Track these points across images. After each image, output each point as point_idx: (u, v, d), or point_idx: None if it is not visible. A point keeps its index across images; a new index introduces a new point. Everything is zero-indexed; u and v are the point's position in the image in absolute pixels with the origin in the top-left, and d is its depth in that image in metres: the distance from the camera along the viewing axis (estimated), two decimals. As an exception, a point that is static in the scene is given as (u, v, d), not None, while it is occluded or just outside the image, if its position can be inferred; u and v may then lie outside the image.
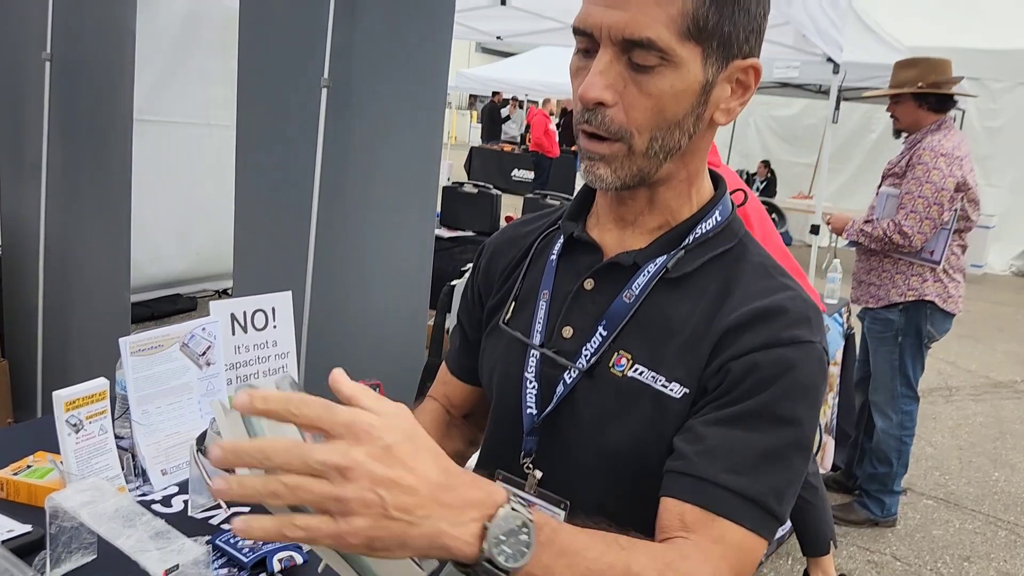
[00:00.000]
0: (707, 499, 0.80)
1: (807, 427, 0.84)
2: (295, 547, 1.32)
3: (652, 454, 0.88)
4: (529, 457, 0.95)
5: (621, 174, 0.86)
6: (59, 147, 3.06)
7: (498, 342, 1.02)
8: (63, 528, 1.21)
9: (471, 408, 1.16)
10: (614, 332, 0.90)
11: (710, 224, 0.92)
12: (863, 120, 10.35)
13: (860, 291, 3.38)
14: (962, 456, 4.43)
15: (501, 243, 1.10)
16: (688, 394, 0.87)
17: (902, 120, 3.29)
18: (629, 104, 0.82)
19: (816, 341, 0.86)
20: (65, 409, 1.37)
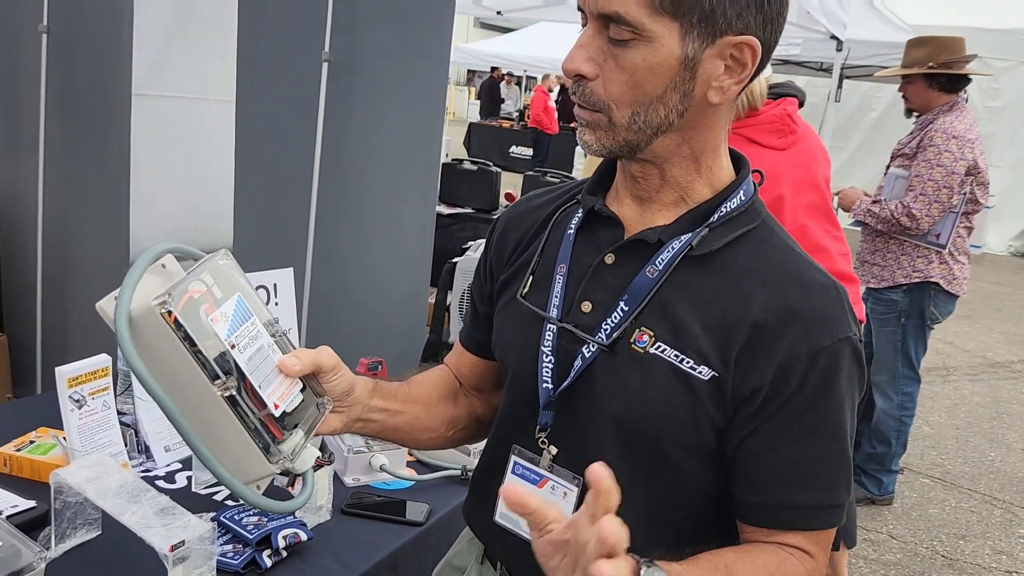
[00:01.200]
0: (792, 522, 0.88)
1: (853, 413, 0.89)
2: (299, 524, 1.32)
3: (678, 430, 0.88)
4: (544, 432, 0.95)
5: (605, 142, 0.87)
6: (57, 122, 3.03)
7: (513, 316, 1.01)
8: (68, 504, 1.22)
9: (480, 382, 1.16)
10: (636, 307, 0.89)
11: (734, 203, 0.91)
12: (864, 99, 10.29)
13: (864, 271, 3.37)
14: (959, 436, 4.45)
15: (514, 217, 1.09)
16: (717, 377, 0.86)
17: (913, 100, 3.26)
18: (607, 77, 0.84)
19: (853, 332, 0.87)
20: (68, 385, 1.37)
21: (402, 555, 1.39)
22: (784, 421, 0.85)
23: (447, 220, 4.92)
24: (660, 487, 0.92)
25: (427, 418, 1.07)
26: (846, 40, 4.51)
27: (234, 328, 0.81)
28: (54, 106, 3.02)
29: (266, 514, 1.32)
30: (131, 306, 0.76)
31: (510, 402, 1.02)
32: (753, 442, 0.87)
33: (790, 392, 0.84)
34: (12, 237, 3.29)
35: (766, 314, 0.85)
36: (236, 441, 0.79)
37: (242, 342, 0.81)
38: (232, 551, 1.25)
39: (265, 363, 0.84)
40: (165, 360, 0.76)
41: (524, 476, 0.97)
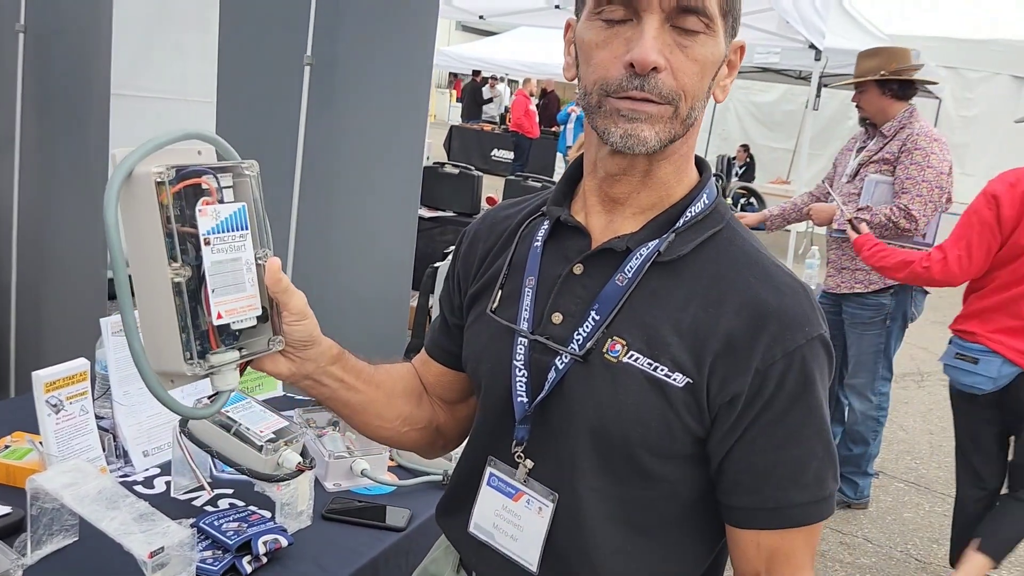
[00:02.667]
0: (782, 520, 0.88)
1: (827, 403, 0.90)
2: (279, 530, 1.32)
3: (652, 438, 0.88)
4: (520, 446, 0.95)
5: (663, 136, 0.85)
6: (33, 122, 2.99)
7: (483, 330, 1.00)
8: (44, 510, 1.20)
9: (444, 391, 1.15)
10: (607, 316, 0.89)
11: (699, 207, 0.92)
12: (842, 106, 10.38)
13: (843, 278, 3.40)
14: (933, 441, 4.50)
15: (481, 229, 1.09)
16: (692, 384, 0.86)
17: (867, 108, 3.34)
18: (677, 69, 0.83)
19: (824, 328, 0.88)
20: (45, 390, 1.35)
21: (383, 561, 1.38)
22: (768, 424, 0.86)
23: (428, 223, 4.92)
24: (636, 494, 0.92)
25: (383, 406, 1.06)
26: (824, 49, 4.56)
27: (220, 229, 0.82)
28: (30, 106, 2.98)
29: (247, 520, 1.31)
30: (137, 164, 0.77)
31: (484, 415, 1.02)
32: (740, 448, 0.88)
33: (769, 395, 0.85)
34: (-13, 237, 3.24)
35: (739, 319, 0.86)
36: (164, 327, 0.79)
37: (220, 245, 0.82)
38: (212, 557, 1.24)
39: (233, 273, 0.84)
40: (139, 224, 0.78)
41: (499, 488, 0.97)
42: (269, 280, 0.86)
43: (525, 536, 0.95)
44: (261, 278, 0.86)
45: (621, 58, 0.83)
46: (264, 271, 0.86)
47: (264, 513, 1.37)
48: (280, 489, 1.35)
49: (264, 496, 1.43)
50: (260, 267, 0.86)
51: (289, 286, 0.87)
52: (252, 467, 1.32)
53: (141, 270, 0.79)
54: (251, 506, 1.41)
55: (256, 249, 0.86)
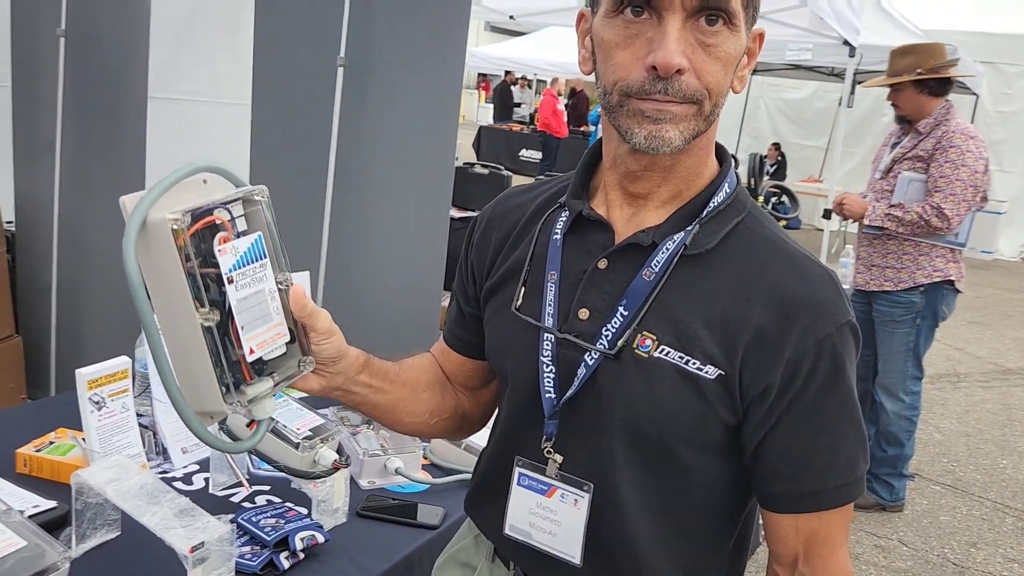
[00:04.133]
0: (819, 503, 0.90)
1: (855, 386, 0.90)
2: (316, 526, 1.33)
3: (686, 431, 0.89)
4: (550, 441, 0.95)
5: (687, 135, 0.84)
6: (73, 125, 3.05)
7: (506, 325, 1.00)
8: (88, 504, 1.23)
9: (467, 380, 1.15)
10: (636, 312, 0.89)
11: (721, 196, 0.92)
12: (875, 103, 10.24)
13: (872, 275, 3.37)
14: (970, 443, 4.43)
15: (494, 217, 1.07)
16: (724, 376, 0.86)
17: (904, 107, 3.29)
18: (700, 68, 0.82)
19: (851, 314, 0.88)
20: (88, 387, 1.38)
21: (417, 558, 1.39)
22: (802, 413, 0.87)
23: (458, 223, 4.91)
24: (669, 485, 0.93)
25: (412, 402, 1.06)
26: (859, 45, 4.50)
27: (240, 264, 0.81)
28: (71, 108, 3.04)
29: (284, 516, 1.33)
30: (150, 211, 0.76)
31: (511, 411, 1.01)
32: (775, 438, 0.88)
33: (802, 384, 0.86)
34: (28, 238, 3.32)
35: (768, 310, 0.86)
36: (200, 370, 0.79)
37: (242, 280, 0.81)
38: (250, 553, 1.26)
39: (259, 307, 0.83)
40: (160, 272, 0.77)
41: (530, 487, 0.97)
42: (295, 307, 0.86)
43: (563, 531, 0.95)
44: (285, 303, 0.86)
45: (643, 60, 0.81)
46: (287, 296, 0.86)
47: (300, 510, 1.38)
48: (316, 486, 1.37)
49: (300, 493, 1.45)
50: (283, 292, 0.86)
51: (314, 309, 0.88)
52: (289, 464, 1.34)
53: (168, 316, 0.78)
54: (288, 502, 1.43)
55: (276, 274, 0.86)
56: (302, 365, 0.89)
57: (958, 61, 3.30)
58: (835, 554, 0.92)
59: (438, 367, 1.14)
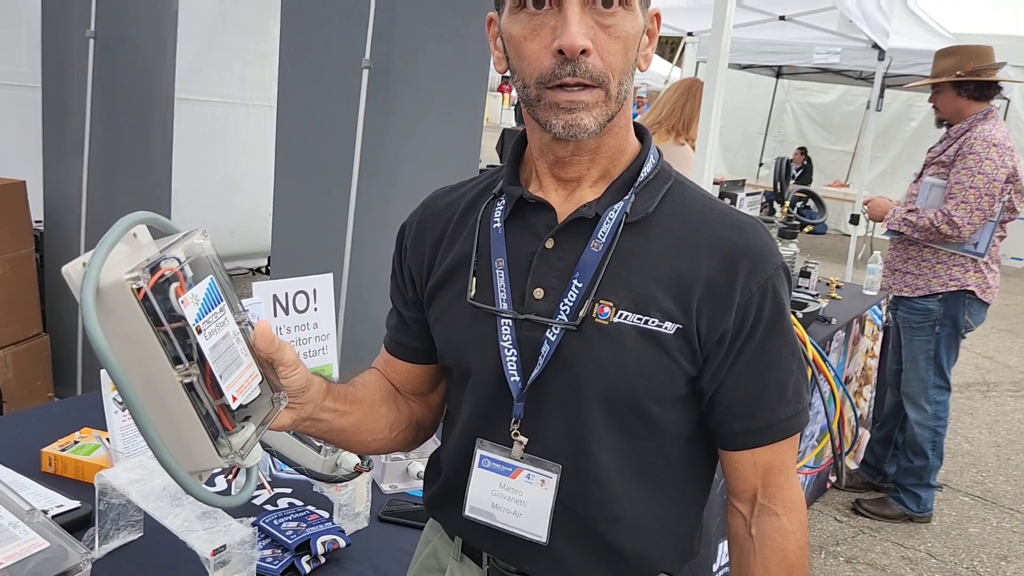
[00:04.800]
0: (773, 434, 0.96)
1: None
2: (338, 530, 1.32)
3: (655, 387, 0.92)
4: (517, 424, 0.95)
5: (601, 119, 0.88)
6: (101, 125, 3.09)
7: (459, 319, 1.00)
8: (111, 505, 1.23)
9: (416, 387, 1.13)
10: (590, 282, 0.92)
11: (649, 167, 0.97)
12: (904, 108, 10.14)
13: (895, 280, 3.33)
14: (1000, 453, 4.35)
15: (424, 219, 1.07)
16: (681, 328, 0.91)
17: (943, 110, 3.23)
18: (602, 49, 0.86)
19: (783, 258, 0.96)
20: (112, 388, 1.38)
21: (438, 564, 1.38)
22: (753, 353, 0.93)
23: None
24: (645, 444, 0.96)
25: (372, 419, 1.05)
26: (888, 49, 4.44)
27: (203, 312, 0.77)
28: (99, 109, 3.08)
29: (305, 520, 1.33)
30: (100, 277, 0.72)
31: (475, 401, 1.00)
32: (731, 379, 0.94)
33: (751, 326, 0.92)
34: (56, 237, 3.36)
35: (714, 261, 0.91)
36: (188, 429, 0.76)
37: (209, 328, 0.78)
38: (271, 556, 1.25)
39: (228, 352, 0.80)
40: (128, 337, 0.72)
41: (493, 468, 0.97)
42: (263, 344, 0.84)
43: (529, 510, 0.96)
44: (249, 343, 0.84)
45: (550, 47, 0.85)
46: (250, 335, 0.84)
47: (322, 513, 1.38)
48: (338, 490, 1.36)
49: (322, 496, 1.44)
50: (245, 332, 0.84)
51: (281, 343, 0.86)
52: (311, 468, 1.33)
53: (145, 377, 0.74)
54: (309, 506, 1.42)
55: (236, 316, 0.82)
56: (275, 402, 0.87)
57: (1003, 65, 3.23)
58: (789, 480, 0.99)
59: (386, 380, 1.13)
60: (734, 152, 11.53)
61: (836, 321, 3.20)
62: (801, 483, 2.15)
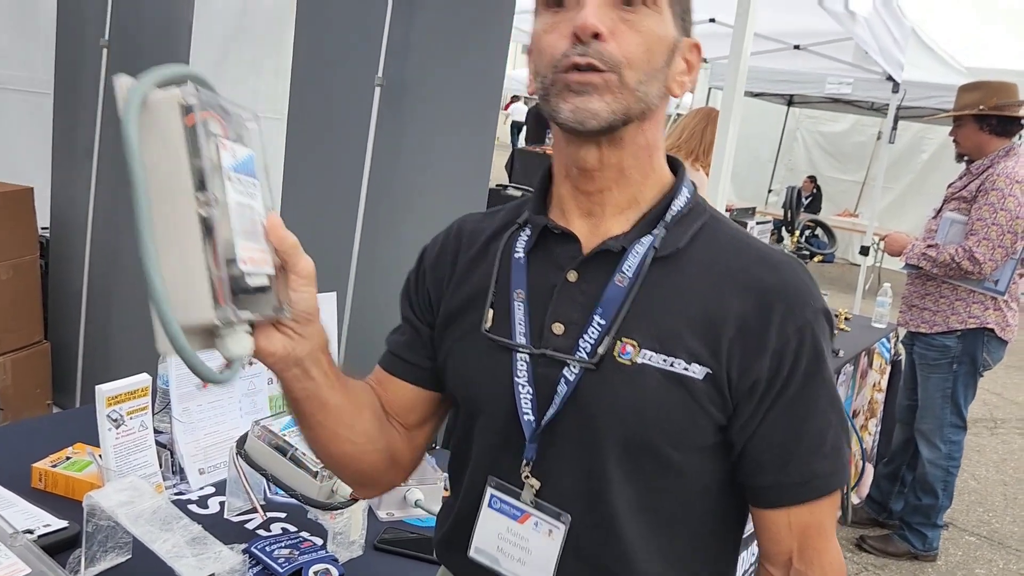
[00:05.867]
0: (809, 492, 0.89)
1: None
2: (331, 559, 1.29)
3: (678, 434, 0.87)
4: (528, 466, 0.90)
5: (614, 106, 0.83)
6: (112, 134, 3.08)
7: (472, 351, 0.95)
8: (99, 527, 1.20)
9: (403, 412, 1.03)
10: (612, 318, 0.87)
11: (681, 201, 0.92)
12: (915, 140, 10.12)
13: (911, 315, 3.29)
14: (1007, 492, 4.29)
15: (448, 242, 1.04)
16: (711, 373, 0.85)
17: (963, 144, 3.21)
18: (621, 38, 0.83)
19: (824, 301, 0.90)
20: (107, 404, 1.36)
21: (434, 596, 1.34)
22: (789, 402, 0.87)
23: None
24: (664, 492, 0.90)
25: (353, 416, 0.95)
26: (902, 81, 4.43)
27: (238, 170, 0.73)
28: (110, 118, 3.07)
29: (298, 547, 1.29)
30: (152, 91, 0.68)
31: (485, 439, 0.96)
32: (763, 429, 0.88)
33: (787, 373, 0.86)
34: (62, 245, 3.34)
35: (746, 302, 0.86)
36: (189, 271, 0.69)
37: (239, 186, 0.72)
38: (262, 584, 1.22)
39: (249, 221, 0.74)
40: (160, 156, 0.68)
41: (502, 510, 0.93)
42: (274, 236, 0.77)
43: (534, 559, 0.91)
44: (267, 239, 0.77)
45: (567, 36, 0.83)
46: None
47: (316, 540, 1.34)
48: (333, 518, 1.33)
49: (317, 523, 1.41)
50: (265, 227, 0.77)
51: (296, 243, 0.79)
52: (306, 493, 1.30)
53: (161, 205, 0.68)
54: (303, 532, 1.39)
55: (265, 201, 0.77)
56: (277, 311, 0.78)
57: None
58: (828, 544, 0.91)
59: (376, 396, 1.03)
60: (743, 179, 11.51)
61: (844, 353, 3.16)
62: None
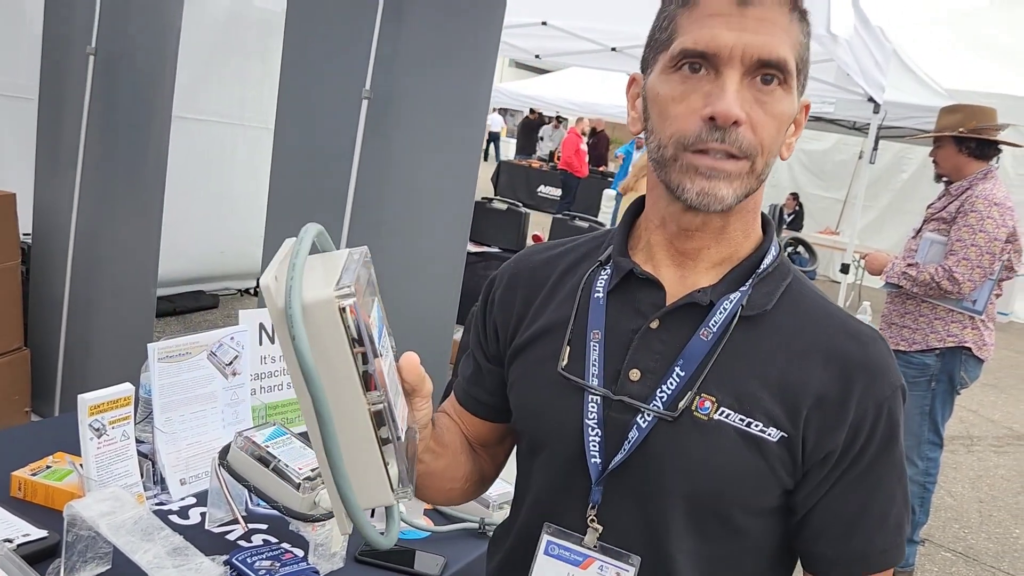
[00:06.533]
0: (868, 567, 0.89)
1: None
2: (311, 571, 1.29)
3: (747, 495, 0.87)
4: (594, 510, 0.90)
5: (739, 192, 0.84)
6: (97, 141, 3.07)
7: (542, 386, 0.95)
8: (80, 536, 1.19)
9: (483, 440, 1.09)
10: (693, 372, 0.87)
11: (770, 259, 0.92)
12: (896, 159, 10.25)
13: (891, 333, 3.33)
14: (982, 509, 4.33)
15: (519, 273, 1.04)
16: (786, 437, 0.85)
17: (942, 165, 3.27)
18: (756, 123, 0.83)
19: (902, 378, 0.90)
20: (89, 413, 1.35)
21: (414, 609, 1.35)
22: (859, 475, 0.87)
23: (474, 258, 4.93)
24: (724, 550, 0.90)
25: (455, 466, 1.01)
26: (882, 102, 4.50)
27: (380, 336, 0.71)
28: (95, 125, 3.06)
29: (279, 559, 1.29)
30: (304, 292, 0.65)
31: (547, 478, 0.96)
32: (830, 498, 0.88)
33: (861, 446, 0.86)
34: (43, 251, 3.32)
35: (828, 372, 0.86)
36: (366, 462, 0.70)
37: (384, 353, 0.72)
38: (242, 596, 1.22)
39: (394, 380, 0.75)
40: (325, 358, 0.66)
41: (560, 556, 0.92)
42: (411, 377, 0.78)
43: None
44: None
45: (699, 112, 0.82)
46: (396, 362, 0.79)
47: (297, 552, 1.34)
48: (315, 529, 1.33)
49: (297, 535, 1.41)
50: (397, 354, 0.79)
51: (425, 375, 0.80)
52: (288, 505, 1.30)
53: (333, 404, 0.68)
54: (284, 544, 1.39)
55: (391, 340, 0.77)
56: (410, 436, 0.79)
57: (1006, 126, 3.27)
58: None
59: (460, 429, 1.08)
60: (727, 195, 11.61)
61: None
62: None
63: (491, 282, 1.07)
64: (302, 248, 0.67)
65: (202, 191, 5.02)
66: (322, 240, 0.74)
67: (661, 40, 0.87)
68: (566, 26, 4.90)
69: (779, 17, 0.82)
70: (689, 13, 0.84)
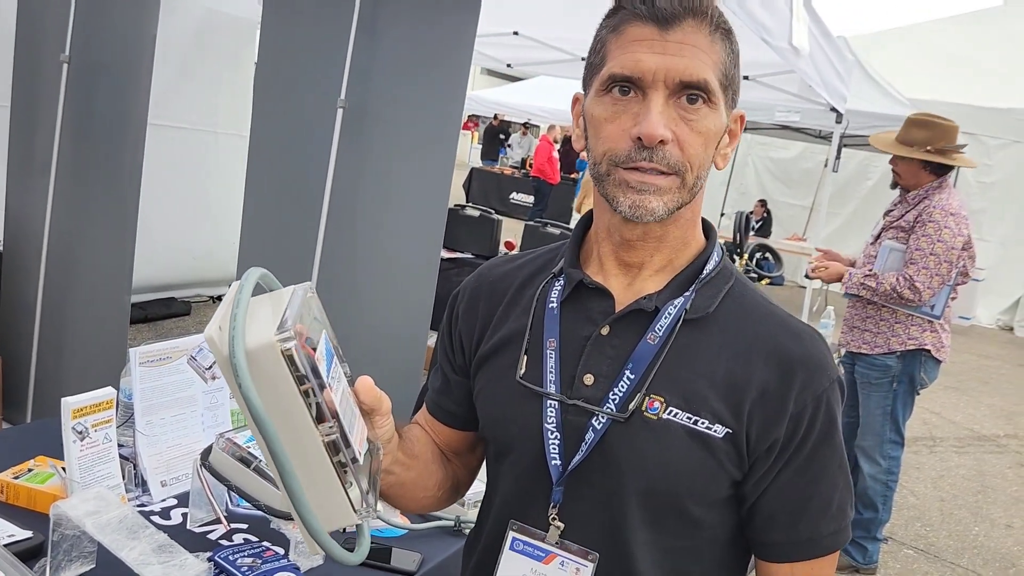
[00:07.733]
0: (815, 550, 0.95)
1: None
2: (292, 568, 1.33)
3: (698, 489, 0.92)
4: (555, 508, 0.95)
5: (671, 205, 0.90)
6: (70, 148, 3.07)
7: (504, 394, 1.00)
8: (65, 536, 1.22)
9: (454, 448, 1.13)
10: (642, 375, 0.92)
11: (711, 264, 0.98)
12: (860, 167, 10.45)
13: (852, 336, 3.43)
14: (943, 508, 4.45)
15: (479, 286, 1.09)
16: (732, 433, 0.91)
17: (904, 177, 3.37)
18: (683, 141, 0.88)
19: (839, 371, 0.96)
20: (72, 416, 1.38)
21: (392, 604, 1.39)
22: (801, 464, 0.93)
23: (446, 264, 4.96)
24: (681, 542, 0.95)
25: (426, 476, 1.05)
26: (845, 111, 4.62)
27: (328, 368, 0.76)
28: (68, 132, 3.06)
29: (261, 556, 1.33)
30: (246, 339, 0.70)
31: (513, 480, 1.01)
32: (775, 488, 0.93)
33: (801, 437, 0.92)
34: (16, 257, 3.31)
35: (769, 368, 0.92)
36: (326, 488, 0.75)
37: (334, 384, 0.77)
38: (225, 592, 1.25)
39: (348, 407, 0.79)
40: (274, 398, 0.71)
41: (525, 552, 0.97)
42: (368, 398, 0.83)
43: None
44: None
45: (629, 131, 0.88)
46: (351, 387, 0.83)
47: (278, 550, 1.38)
48: (295, 527, 1.37)
49: (278, 532, 1.44)
50: (351, 379, 0.83)
51: (382, 394, 0.85)
52: (269, 503, 1.34)
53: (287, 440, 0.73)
54: (265, 542, 1.42)
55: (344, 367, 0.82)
56: (375, 453, 0.85)
57: (964, 146, 3.40)
58: None
59: (432, 439, 1.12)
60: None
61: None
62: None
63: (455, 296, 1.12)
64: (243, 296, 0.72)
65: (174, 198, 5.01)
66: (268, 281, 0.79)
67: (595, 63, 0.93)
68: (537, 35, 4.97)
69: (700, 40, 0.88)
70: (617, 39, 0.90)
